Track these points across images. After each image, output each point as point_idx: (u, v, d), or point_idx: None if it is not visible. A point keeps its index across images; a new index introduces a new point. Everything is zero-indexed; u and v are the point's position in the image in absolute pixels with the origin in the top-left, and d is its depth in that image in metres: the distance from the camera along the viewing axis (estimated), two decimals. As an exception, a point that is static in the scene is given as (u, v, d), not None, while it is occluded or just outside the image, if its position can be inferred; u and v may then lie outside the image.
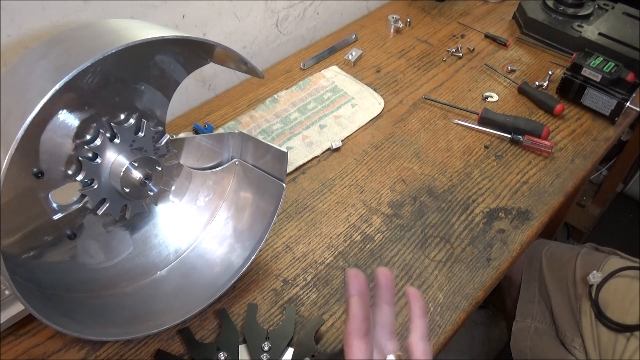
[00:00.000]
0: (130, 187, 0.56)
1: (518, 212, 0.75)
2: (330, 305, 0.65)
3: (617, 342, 0.79)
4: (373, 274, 0.45)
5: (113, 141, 0.54)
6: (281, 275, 0.67)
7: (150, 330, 0.58)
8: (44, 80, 0.43)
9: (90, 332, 0.54)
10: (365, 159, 0.83)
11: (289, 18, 1.01)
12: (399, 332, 0.62)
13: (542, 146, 0.83)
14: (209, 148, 0.66)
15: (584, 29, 1.00)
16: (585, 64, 0.88)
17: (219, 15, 0.88)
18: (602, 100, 0.89)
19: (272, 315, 0.63)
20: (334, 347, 0.61)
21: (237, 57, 0.54)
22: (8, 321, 0.59)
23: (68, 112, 0.51)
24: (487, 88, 0.97)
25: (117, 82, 0.54)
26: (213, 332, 0.62)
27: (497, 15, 1.15)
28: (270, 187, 0.64)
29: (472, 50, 1.04)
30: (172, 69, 0.58)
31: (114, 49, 0.43)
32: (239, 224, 0.68)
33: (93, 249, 0.60)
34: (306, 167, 0.81)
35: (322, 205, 0.76)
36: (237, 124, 0.86)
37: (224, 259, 0.66)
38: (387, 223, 0.74)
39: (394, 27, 1.08)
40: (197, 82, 0.92)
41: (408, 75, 0.98)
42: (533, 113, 0.92)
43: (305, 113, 0.89)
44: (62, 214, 0.54)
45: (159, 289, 0.64)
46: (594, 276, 0.83)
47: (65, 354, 0.59)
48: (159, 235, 0.66)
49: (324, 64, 1.00)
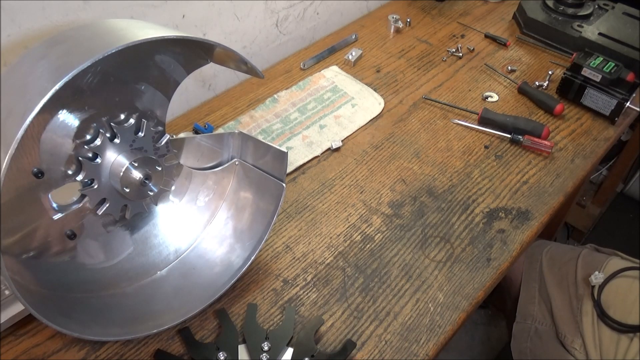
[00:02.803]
0: (130, 187, 0.56)
1: (518, 212, 0.75)
2: (330, 305, 0.65)
3: (620, 342, 0.79)
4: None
5: (113, 141, 0.54)
6: (281, 275, 0.67)
7: (150, 330, 0.58)
8: (44, 80, 0.43)
9: (90, 332, 0.54)
10: (365, 159, 0.83)
11: (289, 18, 1.01)
12: (399, 331, 0.62)
13: (542, 146, 0.83)
14: (209, 148, 0.66)
15: (584, 29, 1.00)
16: (585, 64, 0.88)
17: (219, 15, 0.88)
18: (602, 100, 0.89)
19: (271, 315, 0.63)
20: (334, 347, 0.61)
21: (237, 57, 0.54)
22: (8, 321, 0.59)
23: (68, 112, 0.51)
24: (487, 88, 0.97)
25: (117, 82, 0.54)
26: (213, 332, 0.62)
27: (497, 15, 1.15)
28: (270, 187, 0.64)
29: (472, 50, 1.04)
30: (172, 69, 0.58)
31: (114, 49, 0.43)
32: (239, 224, 0.68)
33: (93, 249, 0.60)
34: (306, 167, 0.81)
35: (322, 205, 0.76)
36: (237, 124, 0.86)
37: (224, 259, 0.66)
38: (387, 223, 0.74)
39: (394, 27, 1.08)
40: (197, 82, 0.92)
41: (408, 75, 0.98)
42: (533, 113, 0.92)
43: (305, 113, 0.89)
44: (62, 214, 0.54)
45: (159, 289, 0.64)
46: (596, 277, 0.83)
47: (65, 354, 0.59)
48: (159, 235, 0.66)
49: (324, 64, 1.00)
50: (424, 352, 0.60)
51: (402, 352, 0.60)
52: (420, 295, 0.66)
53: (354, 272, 0.68)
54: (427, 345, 0.61)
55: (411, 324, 0.63)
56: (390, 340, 0.61)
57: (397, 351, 0.60)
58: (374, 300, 0.65)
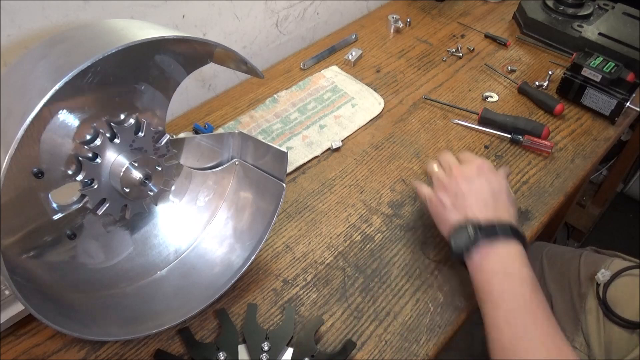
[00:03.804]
0: (130, 187, 0.56)
1: (518, 212, 0.75)
2: (330, 305, 0.65)
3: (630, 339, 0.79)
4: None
5: (113, 141, 0.54)
6: (281, 275, 0.67)
7: (150, 330, 0.58)
8: (44, 80, 0.43)
9: (90, 332, 0.54)
10: (365, 159, 0.83)
11: (289, 18, 1.01)
12: (399, 331, 0.62)
13: (542, 146, 0.83)
14: (209, 148, 0.66)
15: (584, 29, 1.00)
16: (585, 64, 0.88)
17: (219, 15, 0.88)
18: (602, 100, 0.89)
19: (271, 315, 0.63)
20: (334, 347, 0.61)
21: (237, 57, 0.54)
22: (8, 321, 0.59)
23: (68, 112, 0.51)
24: (487, 88, 0.97)
25: (117, 82, 0.54)
26: (213, 332, 0.62)
27: (497, 15, 1.15)
28: (270, 187, 0.64)
29: (472, 50, 1.04)
30: (172, 69, 0.58)
31: (114, 49, 0.43)
32: (239, 224, 0.68)
33: (93, 249, 0.60)
34: (306, 167, 0.81)
35: (322, 205, 0.76)
36: (237, 124, 0.86)
37: (224, 259, 0.66)
38: (387, 223, 0.74)
39: (394, 27, 1.08)
40: (197, 82, 0.92)
41: (408, 75, 0.98)
42: (533, 113, 0.92)
43: (305, 113, 0.89)
44: (62, 214, 0.54)
45: (159, 289, 0.64)
46: (602, 274, 0.82)
47: (65, 354, 0.59)
48: (159, 235, 0.66)
49: (324, 64, 1.00)
50: (424, 352, 0.60)
51: (402, 352, 0.60)
52: (420, 295, 0.66)
53: (354, 272, 0.68)
54: (427, 345, 0.61)
55: (411, 324, 0.63)
56: (390, 340, 0.61)
57: (397, 351, 0.60)
58: (374, 300, 0.65)
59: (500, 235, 0.58)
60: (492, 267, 0.57)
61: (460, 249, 0.59)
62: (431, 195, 0.66)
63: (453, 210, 0.62)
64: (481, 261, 0.58)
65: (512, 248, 0.58)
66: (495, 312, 0.55)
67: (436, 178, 0.67)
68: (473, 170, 0.65)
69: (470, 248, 0.58)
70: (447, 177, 0.66)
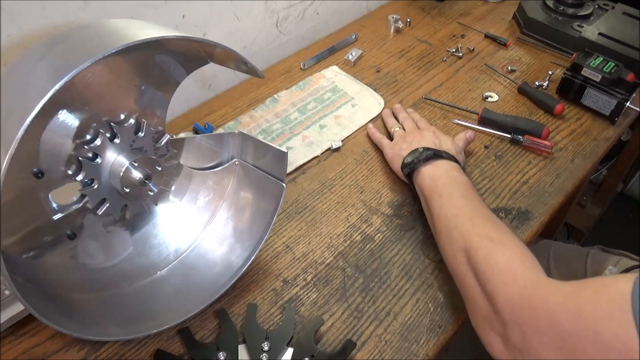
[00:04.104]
0: (130, 187, 0.56)
1: (518, 212, 0.75)
2: (330, 305, 0.65)
3: None
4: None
5: (113, 141, 0.54)
6: (281, 275, 0.67)
7: (150, 330, 0.58)
8: (44, 80, 0.43)
9: (90, 332, 0.54)
10: (366, 159, 0.83)
11: (289, 18, 1.01)
12: (399, 331, 0.62)
13: (542, 146, 0.83)
14: (209, 148, 0.66)
15: (584, 29, 1.00)
16: (585, 64, 0.88)
17: (219, 15, 0.88)
18: (602, 100, 0.89)
19: (271, 315, 0.63)
20: (334, 347, 0.61)
21: (237, 57, 0.54)
22: (8, 321, 0.59)
23: (68, 112, 0.51)
24: (487, 88, 0.97)
25: (117, 82, 0.54)
26: (213, 332, 0.62)
27: (497, 15, 1.15)
28: (270, 187, 0.64)
29: (472, 50, 1.04)
30: (172, 69, 0.58)
31: (114, 49, 0.43)
32: (239, 224, 0.68)
33: (93, 249, 0.60)
34: (306, 167, 0.81)
35: (322, 205, 0.76)
36: (237, 124, 0.86)
37: (224, 259, 0.66)
38: (387, 223, 0.74)
39: (394, 27, 1.08)
40: (197, 82, 0.92)
41: (408, 75, 0.98)
42: (533, 113, 0.92)
43: (305, 113, 0.89)
44: (62, 214, 0.54)
45: (159, 289, 0.64)
46: (610, 271, 0.83)
47: (65, 354, 0.59)
48: (159, 235, 0.66)
49: (324, 64, 1.00)
50: (424, 352, 0.60)
51: (402, 352, 0.60)
52: (420, 295, 0.66)
53: (354, 272, 0.68)
54: (427, 345, 0.61)
55: (411, 324, 0.63)
56: (390, 340, 0.61)
57: (397, 351, 0.60)
58: (374, 300, 0.65)
59: (444, 156, 0.71)
60: (437, 172, 0.69)
61: (412, 163, 0.72)
62: (389, 143, 0.80)
63: (408, 149, 0.75)
64: (428, 170, 0.70)
65: (454, 165, 0.71)
66: (439, 201, 0.65)
67: (397, 135, 0.81)
68: (430, 132, 0.79)
69: (419, 161, 0.71)
70: (406, 133, 0.80)
